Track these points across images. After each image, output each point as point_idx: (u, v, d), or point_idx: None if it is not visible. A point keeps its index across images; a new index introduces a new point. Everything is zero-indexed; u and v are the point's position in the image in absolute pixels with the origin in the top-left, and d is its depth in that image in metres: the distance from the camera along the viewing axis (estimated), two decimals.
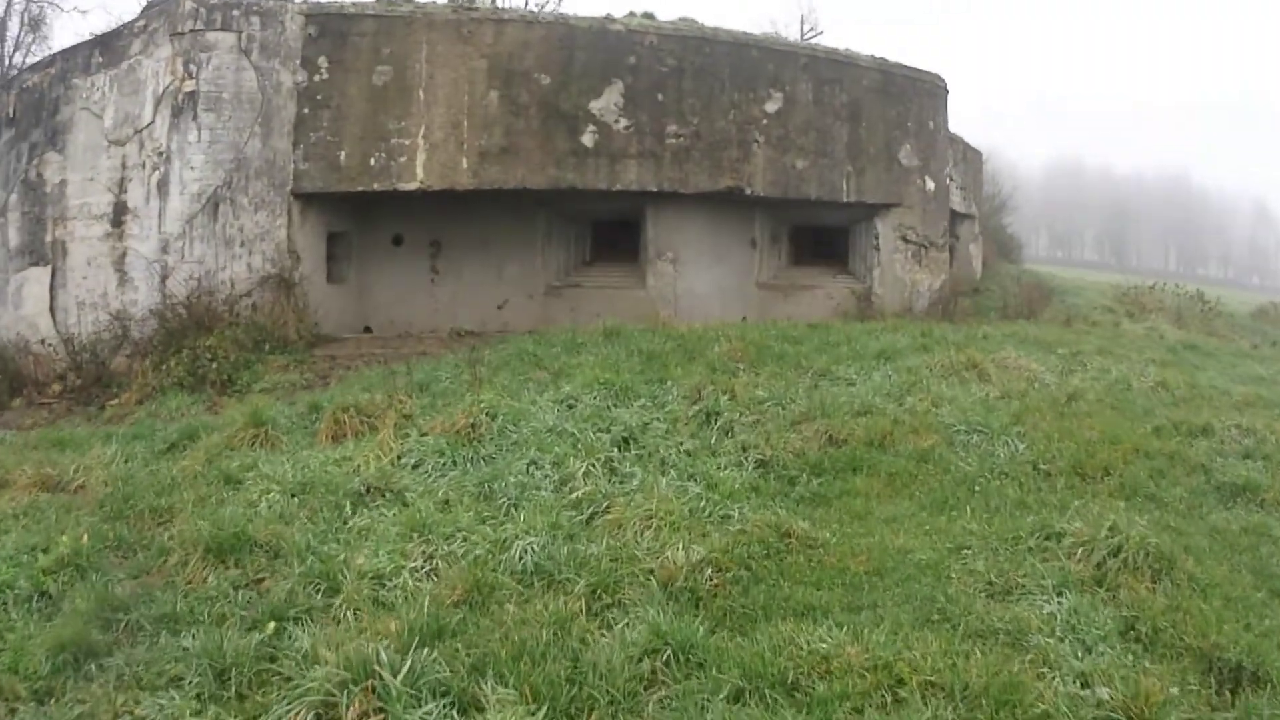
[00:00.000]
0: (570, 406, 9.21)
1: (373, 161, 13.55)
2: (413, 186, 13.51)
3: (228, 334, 13.10)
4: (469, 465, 8.00)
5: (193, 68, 13.84)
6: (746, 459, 8.08)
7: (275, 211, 13.77)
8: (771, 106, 14.39)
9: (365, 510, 7.08)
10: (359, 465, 8.04)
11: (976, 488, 7.57)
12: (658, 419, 9.01)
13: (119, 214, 14.13)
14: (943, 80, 16.54)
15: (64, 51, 15.20)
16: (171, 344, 13.25)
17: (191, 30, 13.87)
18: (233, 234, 13.79)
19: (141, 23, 14.28)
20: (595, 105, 13.60)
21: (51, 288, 14.48)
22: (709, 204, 14.33)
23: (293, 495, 7.73)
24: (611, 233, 15.38)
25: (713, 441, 8.48)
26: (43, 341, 13.98)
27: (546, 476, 7.62)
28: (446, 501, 7.20)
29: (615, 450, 8.05)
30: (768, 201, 14.68)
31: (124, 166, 14.12)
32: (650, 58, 13.77)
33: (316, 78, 13.70)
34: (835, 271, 15.43)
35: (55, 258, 14.45)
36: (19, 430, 12.36)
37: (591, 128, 13.58)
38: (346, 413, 9.61)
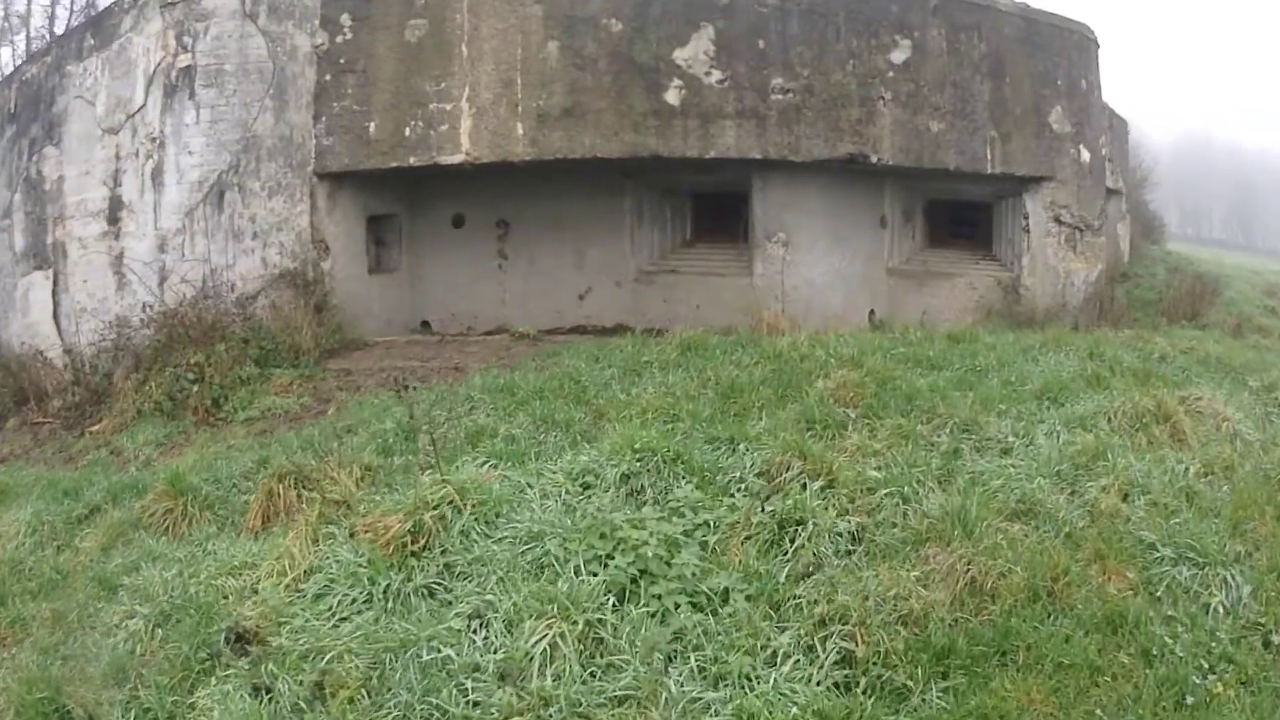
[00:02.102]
0: (585, 488, 5.53)
1: (408, 132, 9.47)
2: (456, 159, 9.40)
3: (220, 347, 9.39)
4: (388, 605, 4.58)
5: (187, 40, 10.22)
6: (825, 644, 4.19)
7: (294, 196, 9.79)
8: (898, 56, 9.98)
9: (216, 679, 3.60)
10: (255, 582, 4.83)
11: (1188, 699, 3.99)
12: (701, 529, 5.10)
13: (114, 210, 10.40)
14: (1093, 32, 12.05)
15: (59, 38, 11.66)
16: (158, 359, 9.57)
17: None
18: (243, 225, 9.86)
19: None
20: (680, 55, 9.35)
21: (54, 293, 11.14)
22: (827, 174, 10.04)
23: (155, 627, 4.71)
24: (717, 208, 11.36)
25: (779, 588, 4.60)
26: (38, 353, 10.72)
27: (488, 649, 4.12)
28: (320, 685, 3.89)
29: (611, 603, 4.36)
30: (897, 171, 10.19)
31: (118, 157, 10.41)
32: None
33: (339, 39, 9.70)
34: (978, 256, 11.04)
35: (56, 260, 11.19)
36: None
37: (677, 82, 9.32)
38: (284, 482, 6.16)
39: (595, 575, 4.38)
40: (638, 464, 5.55)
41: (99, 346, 10.26)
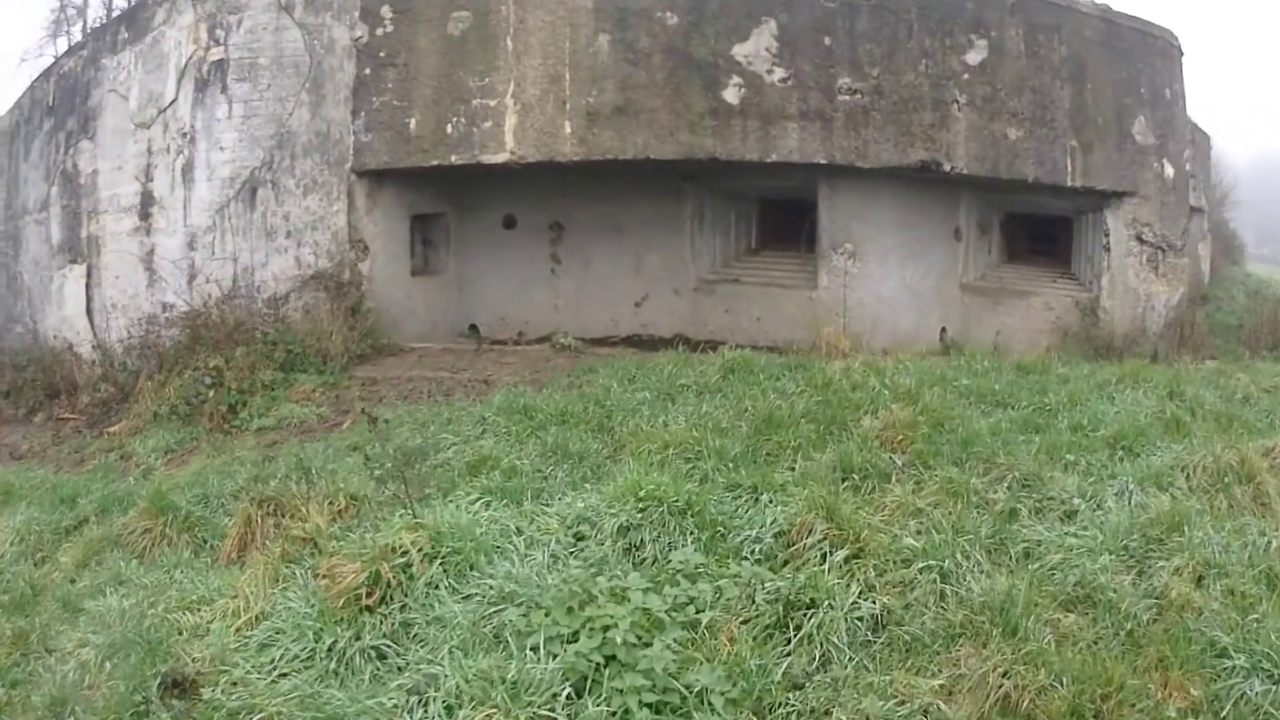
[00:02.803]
0: (579, 539, 4.51)
1: (450, 129, 8.45)
2: (500, 159, 8.38)
3: (240, 350, 8.51)
4: (331, 666, 3.65)
5: (219, 33, 9.32)
6: None
7: (331, 194, 8.81)
8: (974, 57, 8.78)
9: None
10: (211, 620, 3.90)
11: None
12: (694, 605, 3.97)
13: (146, 205, 9.53)
14: (1177, 38, 10.69)
15: (95, 31, 10.87)
16: (179, 360, 8.74)
17: None
18: (275, 223, 8.91)
19: None
20: (740, 51, 8.24)
21: (88, 287, 10.35)
22: (899, 182, 8.92)
23: (105, 659, 3.97)
24: (785, 215, 10.19)
25: (769, 690, 3.50)
26: (70, 347, 10.04)
27: None
28: None
29: (566, 693, 3.27)
30: (973, 181, 8.95)
31: (149, 152, 9.51)
32: None
33: (379, 31, 8.70)
34: (1055, 274, 9.82)
35: (90, 254, 10.39)
36: None
37: (736, 80, 8.21)
38: (263, 508, 5.27)
39: (555, 657, 3.28)
40: (640, 514, 4.48)
41: (129, 344, 9.48)
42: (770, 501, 4.80)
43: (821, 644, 3.68)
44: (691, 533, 4.44)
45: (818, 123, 8.64)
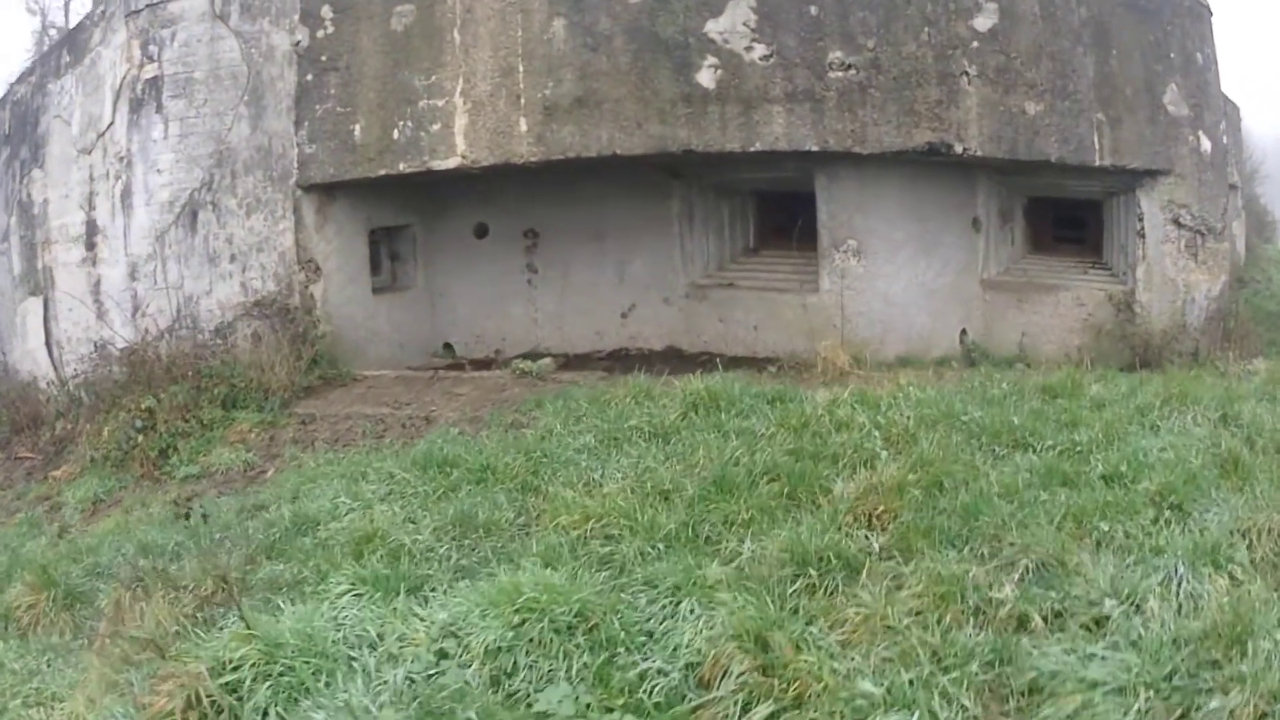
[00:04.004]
0: (441, 658, 2.90)
1: (396, 134, 6.74)
2: (451, 164, 6.65)
3: (176, 388, 6.96)
4: None
5: (153, 49, 7.80)
6: None
7: (276, 212, 7.18)
8: (983, 22, 6.87)
9: None
10: None
11: None
12: None
13: (91, 235, 8.04)
14: None
15: (42, 56, 9.22)
16: (116, 401, 7.19)
17: (149, 5, 7.62)
18: (218, 248, 7.31)
19: (100, 8, 7.96)
20: (714, 27, 6.42)
21: (45, 320, 8.86)
22: (907, 168, 7.13)
23: None
24: (786, 209, 8.12)
25: None
26: (35, 381, 8.64)
27: None
28: None
29: None
30: (990, 163, 7.03)
31: (91, 179, 7.89)
32: None
33: (320, 34, 7.02)
34: (1086, 264, 7.90)
35: (46, 286, 8.89)
36: None
37: (711, 61, 6.39)
38: (131, 591, 3.88)
39: None
40: (516, 630, 2.98)
41: (80, 380, 7.90)
42: (692, 612, 3.14)
43: None
44: (577, 655, 2.83)
45: (807, 104, 6.79)
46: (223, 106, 7.61)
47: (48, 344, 8.72)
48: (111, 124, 7.92)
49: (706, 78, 6.77)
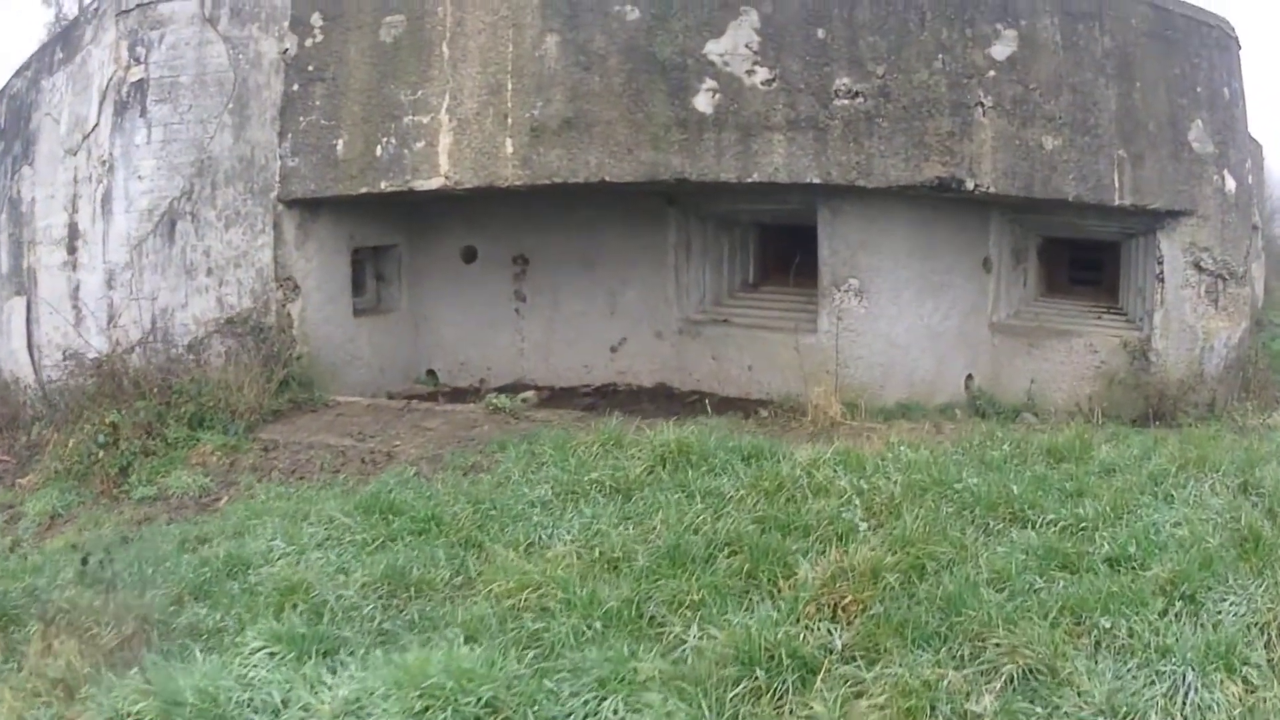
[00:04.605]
0: None
1: (379, 151, 6.08)
2: (434, 184, 5.98)
3: (142, 404, 6.33)
4: None
5: (140, 50, 7.17)
6: None
7: (255, 226, 6.55)
8: (1001, 50, 6.10)
9: None
10: None
11: None
12: None
13: (72, 238, 7.49)
14: (1233, 28, 7.79)
15: (37, 51, 8.53)
16: (84, 412, 6.58)
17: (140, 5, 6.97)
18: (196, 260, 6.71)
19: (94, 5, 7.30)
20: (714, 49, 5.70)
21: (28, 321, 8.18)
22: (915, 203, 6.50)
23: None
24: (789, 243, 7.34)
25: None
26: (17, 381, 8.00)
27: None
28: None
29: None
30: (1005, 201, 6.26)
31: (75, 181, 7.26)
32: None
33: (309, 42, 6.38)
34: (1100, 309, 7.16)
35: (30, 287, 8.20)
36: None
37: (709, 84, 5.68)
38: (54, 625, 3.30)
39: None
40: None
41: (57, 385, 7.31)
42: (616, 713, 2.67)
43: None
44: None
45: (810, 133, 6.05)
46: (207, 114, 6.98)
47: (29, 346, 8.14)
48: (97, 125, 7.32)
49: (704, 102, 6.05)
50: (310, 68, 6.78)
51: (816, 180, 6.03)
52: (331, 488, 5.20)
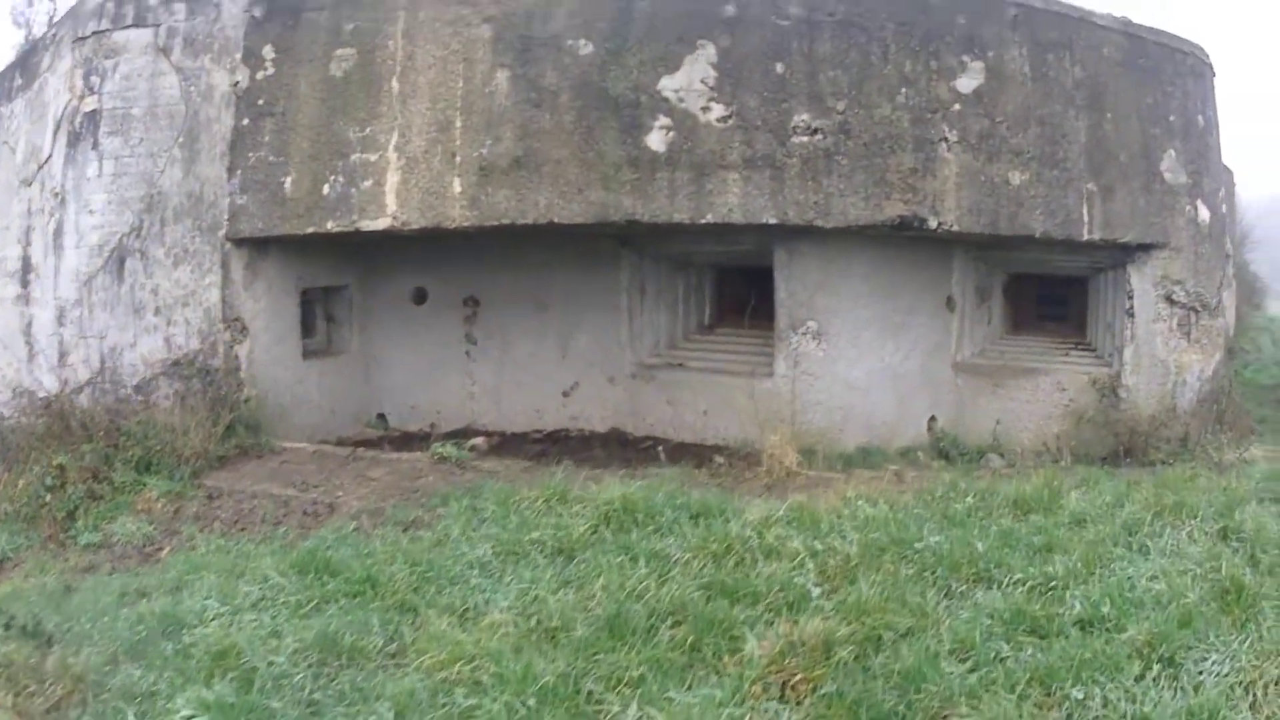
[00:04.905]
0: None
1: (326, 190, 5.76)
2: (381, 224, 5.64)
3: (89, 446, 5.97)
4: None
5: (94, 80, 6.83)
6: None
7: (203, 265, 6.23)
8: (966, 83, 5.75)
9: None
10: None
11: None
12: None
13: (25, 271, 7.28)
14: (1208, 55, 7.43)
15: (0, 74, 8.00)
16: (32, 453, 6.21)
17: (95, 33, 6.62)
18: (144, 298, 6.40)
19: (53, 32, 6.95)
20: (669, 85, 5.35)
21: None
22: (876, 242, 6.18)
23: None
24: (746, 284, 7.10)
25: None
26: None
27: None
28: None
29: None
30: (968, 239, 5.90)
31: (29, 213, 6.81)
32: (762, 6, 5.44)
33: (260, 75, 6.04)
34: (1068, 346, 6.83)
35: None
36: None
37: (663, 121, 5.33)
38: None
39: None
40: None
41: (17, 422, 6.96)
42: None
43: None
44: None
45: (766, 172, 5.70)
46: (157, 147, 6.64)
47: None
48: (50, 157, 6.98)
49: (657, 140, 5.69)
50: (261, 101, 6.44)
51: (773, 221, 5.68)
52: (271, 541, 4.90)
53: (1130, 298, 6.66)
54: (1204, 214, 7.19)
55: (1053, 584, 3.75)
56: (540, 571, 4.08)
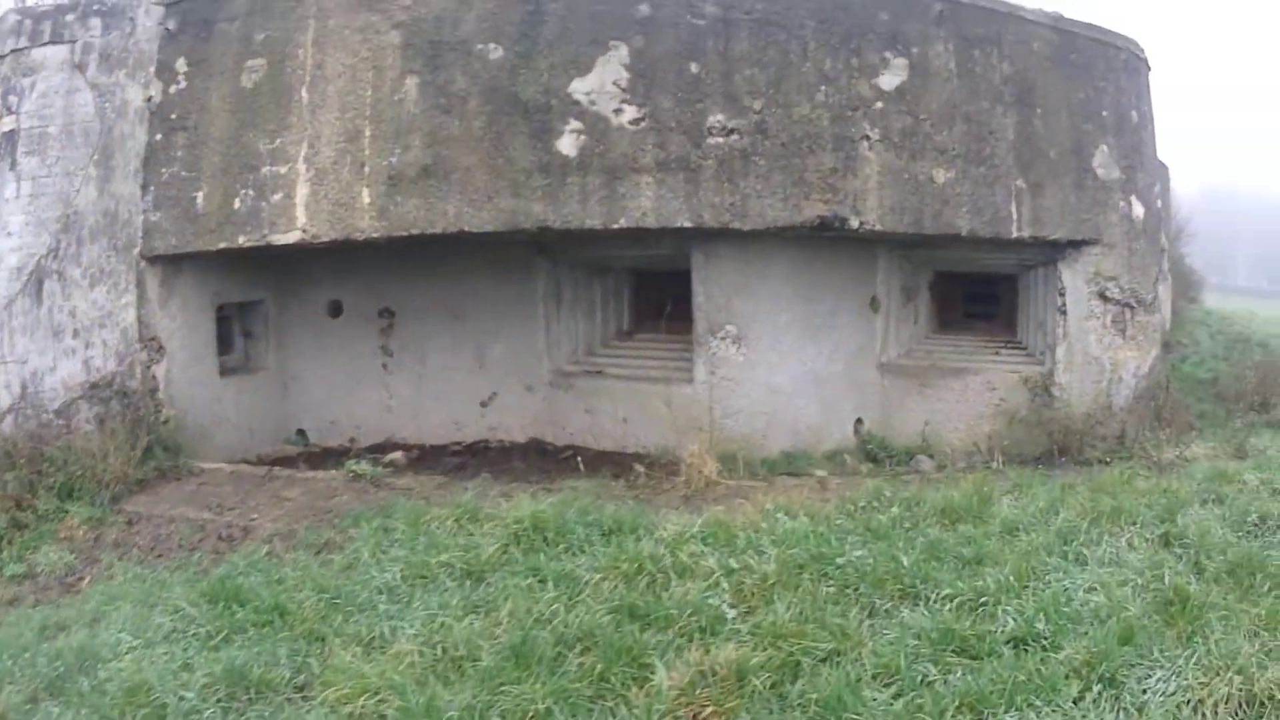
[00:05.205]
0: None
1: (237, 204, 5.43)
2: (292, 238, 5.34)
3: (11, 475, 5.67)
4: None
5: (13, 99, 6.60)
6: None
7: (119, 284, 5.91)
8: (889, 80, 5.47)
9: None
10: None
11: None
12: None
13: None
14: (1142, 50, 7.15)
15: None
16: None
17: (14, 50, 6.38)
18: (62, 321, 6.05)
19: None
20: (580, 87, 5.06)
21: None
22: (796, 243, 5.90)
23: None
24: (665, 289, 6.72)
25: None
26: None
27: None
28: None
29: None
30: (892, 238, 5.61)
31: None
32: (677, 5, 5.15)
33: (173, 89, 5.73)
34: (998, 344, 6.49)
35: None
36: None
37: (574, 125, 5.02)
38: None
39: None
40: None
41: None
42: None
43: None
44: None
45: (680, 174, 5.42)
46: (74, 166, 6.34)
47: None
48: None
49: (568, 144, 5.41)
50: (173, 116, 6.14)
51: (688, 224, 5.40)
52: (185, 569, 4.65)
53: (1062, 295, 6.38)
54: (1138, 209, 6.92)
55: (983, 599, 3.50)
56: (448, 596, 3.83)
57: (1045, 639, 3.17)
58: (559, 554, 4.13)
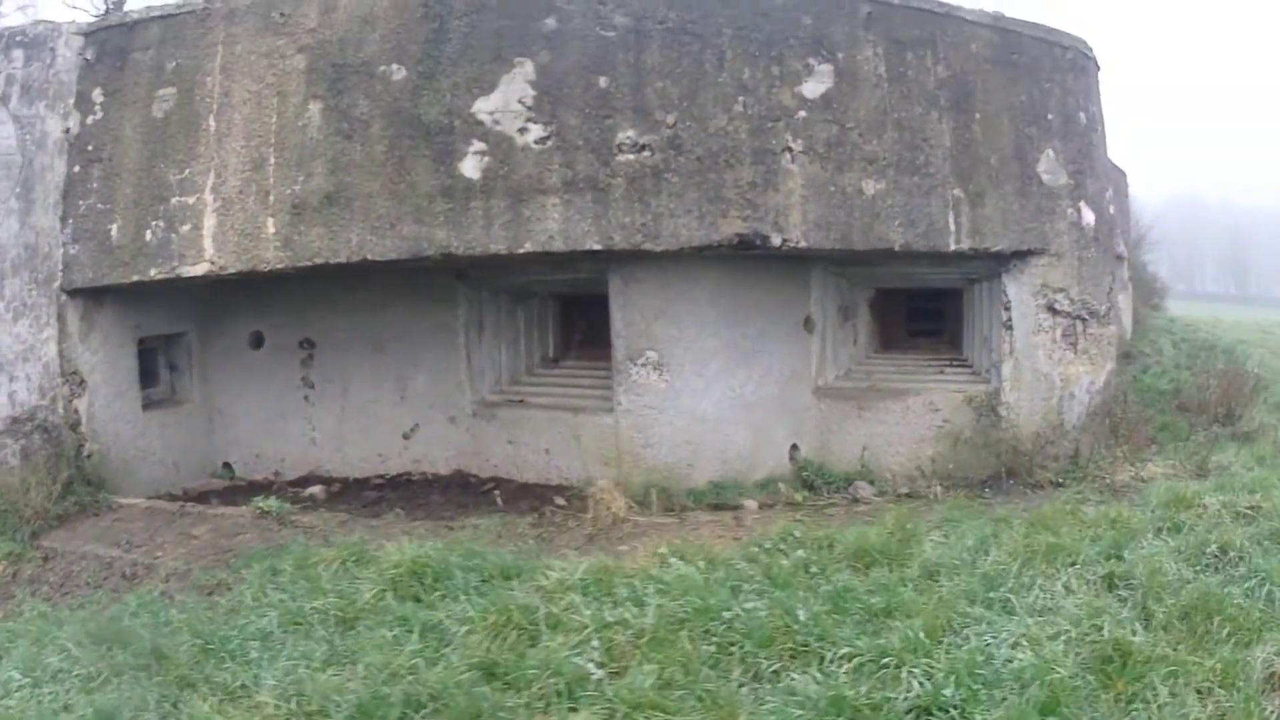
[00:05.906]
0: None
1: (149, 236, 4.98)
2: (200, 270, 4.87)
3: None
4: None
5: None
6: None
7: (41, 318, 5.45)
8: (813, 88, 4.86)
9: None
10: None
11: None
12: None
13: None
14: (1091, 49, 6.48)
15: None
16: None
17: None
18: None
19: None
20: (484, 107, 4.52)
21: None
22: (721, 264, 5.28)
23: None
24: (590, 314, 6.27)
25: None
26: None
27: None
28: None
29: None
30: (822, 255, 5.00)
31: None
32: (585, 17, 4.53)
33: (90, 120, 5.25)
34: (941, 363, 5.91)
35: None
36: None
37: (478, 146, 4.47)
38: None
39: None
40: None
41: None
42: None
43: None
44: None
45: (589, 195, 4.87)
46: None
47: None
48: None
49: (471, 167, 4.88)
50: (90, 147, 5.71)
51: (597, 246, 4.86)
52: (86, 607, 4.24)
53: (1007, 309, 5.75)
54: (1088, 216, 6.25)
55: (886, 659, 2.93)
56: (314, 645, 3.36)
57: (954, 708, 2.63)
58: (434, 601, 3.65)
